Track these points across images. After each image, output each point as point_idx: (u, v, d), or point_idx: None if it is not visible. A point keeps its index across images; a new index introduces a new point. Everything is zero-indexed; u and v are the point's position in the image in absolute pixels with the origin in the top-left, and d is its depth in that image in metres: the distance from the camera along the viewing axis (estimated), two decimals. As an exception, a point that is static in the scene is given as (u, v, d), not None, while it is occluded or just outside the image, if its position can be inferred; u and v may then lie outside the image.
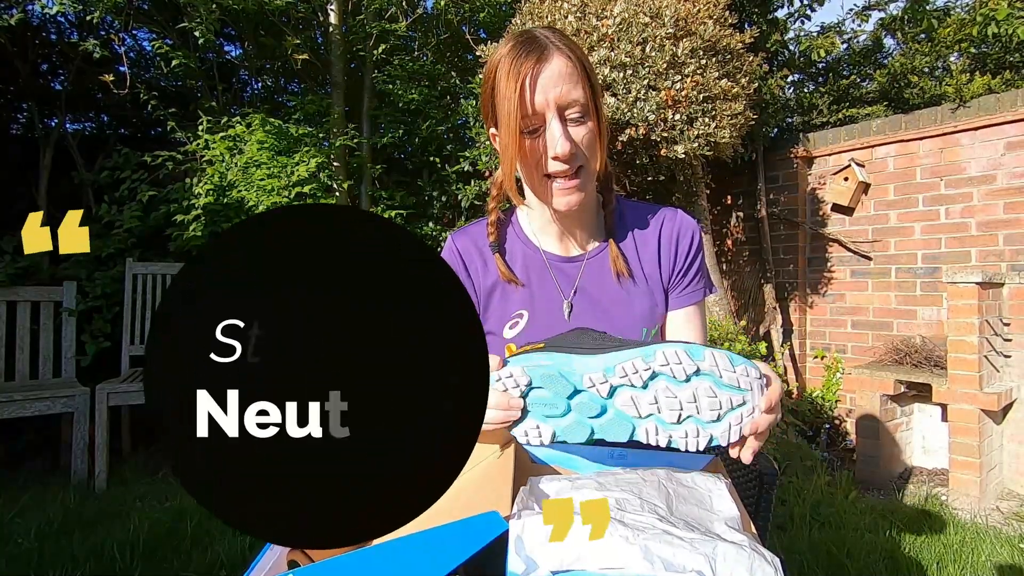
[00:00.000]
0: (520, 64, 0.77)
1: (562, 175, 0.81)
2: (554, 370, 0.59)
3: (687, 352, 0.58)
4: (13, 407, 2.41)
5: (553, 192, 0.83)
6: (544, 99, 0.77)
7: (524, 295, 0.92)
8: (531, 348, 0.63)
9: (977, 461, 2.40)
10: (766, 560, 0.50)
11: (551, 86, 0.77)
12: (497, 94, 0.81)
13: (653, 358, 0.58)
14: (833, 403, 3.45)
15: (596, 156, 0.83)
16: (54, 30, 3.49)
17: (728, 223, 3.99)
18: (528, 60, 0.77)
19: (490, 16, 3.58)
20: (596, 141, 0.82)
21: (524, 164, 0.83)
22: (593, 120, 0.81)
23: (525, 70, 0.77)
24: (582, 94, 0.79)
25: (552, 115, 0.78)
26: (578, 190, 0.83)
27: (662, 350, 0.58)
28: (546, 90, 0.77)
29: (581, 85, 0.79)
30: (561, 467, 0.74)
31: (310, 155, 3.01)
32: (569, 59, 0.78)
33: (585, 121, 0.80)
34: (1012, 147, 2.88)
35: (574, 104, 0.78)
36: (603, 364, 0.59)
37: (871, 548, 1.99)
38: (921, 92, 3.49)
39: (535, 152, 0.81)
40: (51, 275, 3.00)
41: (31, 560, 1.88)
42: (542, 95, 0.77)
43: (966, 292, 2.43)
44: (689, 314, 0.95)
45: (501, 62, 0.80)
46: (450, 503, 0.66)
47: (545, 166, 0.81)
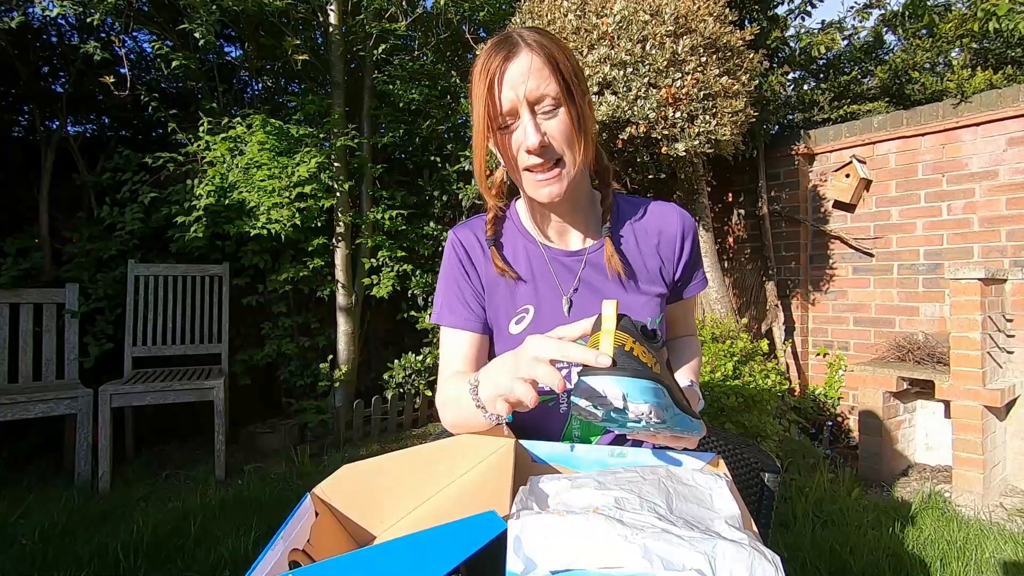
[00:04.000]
0: (491, 62, 0.79)
1: (538, 168, 0.83)
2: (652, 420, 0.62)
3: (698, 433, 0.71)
4: (16, 409, 2.41)
5: (533, 184, 0.85)
6: (514, 95, 0.79)
7: (529, 290, 0.94)
8: (655, 364, 0.62)
9: (980, 458, 2.39)
10: (766, 558, 0.50)
11: (519, 82, 0.79)
12: (471, 94, 0.84)
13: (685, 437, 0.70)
14: (835, 400, 3.45)
15: (574, 147, 0.83)
16: (55, 32, 3.49)
17: (729, 220, 3.98)
18: (497, 58, 0.79)
19: (490, 15, 3.57)
20: (572, 131, 0.82)
21: (506, 161, 0.86)
22: (567, 111, 0.81)
23: (494, 68, 0.79)
24: (552, 87, 0.79)
25: (524, 109, 0.80)
26: (557, 181, 0.84)
27: (695, 435, 0.70)
28: (516, 86, 0.79)
29: (552, 79, 0.79)
30: (561, 466, 0.74)
31: (311, 155, 3.02)
32: (538, 54, 0.79)
33: (556, 113, 0.81)
34: (1014, 142, 2.87)
35: (543, 98, 0.79)
36: (675, 428, 0.66)
37: (874, 545, 1.98)
38: (922, 88, 3.48)
39: (513, 147, 0.83)
40: (54, 277, 3.01)
41: (35, 561, 1.89)
42: (511, 91, 0.79)
43: (968, 288, 2.42)
44: (687, 305, 1.05)
45: (476, 63, 0.83)
46: (449, 502, 0.66)
47: (523, 160, 0.83)
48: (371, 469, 0.66)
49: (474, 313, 0.94)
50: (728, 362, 2.56)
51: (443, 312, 0.96)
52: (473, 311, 0.94)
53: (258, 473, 2.75)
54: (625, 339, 0.58)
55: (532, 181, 0.84)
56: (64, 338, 2.84)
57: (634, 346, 0.59)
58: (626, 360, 0.58)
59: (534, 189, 0.85)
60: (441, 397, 0.89)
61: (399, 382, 3.46)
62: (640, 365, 0.58)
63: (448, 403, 0.87)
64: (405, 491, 0.66)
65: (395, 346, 3.81)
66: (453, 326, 0.94)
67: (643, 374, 0.58)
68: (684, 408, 0.66)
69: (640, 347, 0.59)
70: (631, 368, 0.57)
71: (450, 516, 0.52)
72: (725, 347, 2.64)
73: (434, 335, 3.63)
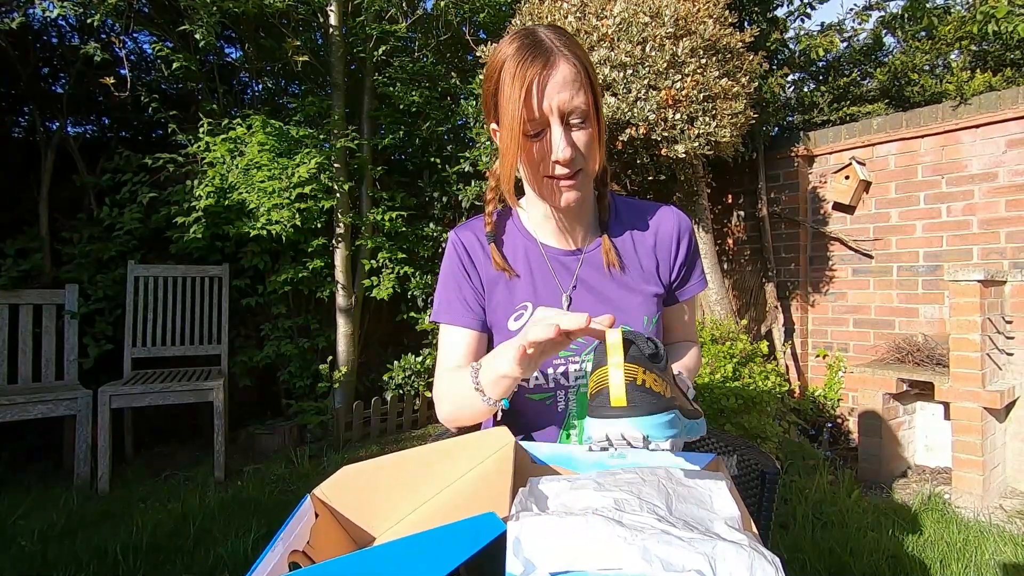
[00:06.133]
0: (526, 69, 0.78)
1: (563, 177, 0.84)
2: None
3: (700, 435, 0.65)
4: (16, 410, 2.41)
5: (554, 191, 0.86)
6: (548, 105, 0.79)
7: (527, 287, 0.95)
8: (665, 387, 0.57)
9: (980, 459, 2.39)
10: (766, 560, 0.50)
11: (555, 92, 0.79)
12: (501, 95, 0.82)
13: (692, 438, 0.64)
14: (835, 402, 3.45)
15: (594, 157, 0.86)
16: (55, 33, 3.50)
17: (729, 222, 3.98)
18: (534, 65, 0.78)
19: (490, 17, 3.58)
20: (595, 144, 0.84)
21: (526, 164, 0.86)
22: (593, 124, 0.83)
23: (531, 76, 0.78)
24: (584, 99, 0.80)
25: (555, 120, 0.80)
26: (576, 188, 0.86)
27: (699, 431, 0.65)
28: (550, 96, 0.79)
29: (584, 91, 0.80)
30: (561, 467, 0.74)
31: (311, 157, 3.02)
32: (574, 66, 0.80)
33: (586, 126, 0.82)
34: (1013, 144, 2.88)
35: (576, 110, 0.80)
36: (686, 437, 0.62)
37: (874, 547, 1.98)
38: (922, 90, 3.48)
39: (539, 154, 0.83)
40: (53, 278, 3.01)
41: (34, 562, 1.89)
42: (546, 101, 0.79)
43: (968, 290, 2.42)
44: (688, 307, 1.04)
45: (506, 63, 0.81)
46: (448, 504, 0.66)
47: (547, 168, 0.84)
48: (371, 470, 0.66)
49: (473, 312, 0.96)
50: (728, 363, 2.56)
51: (442, 310, 0.98)
52: (472, 310, 0.96)
53: (257, 474, 2.74)
54: (635, 371, 0.54)
55: (553, 187, 0.86)
56: (63, 339, 2.84)
57: (645, 377, 0.54)
58: (639, 396, 0.53)
59: (554, 195, 0.87)
60: (438, 391, 0.92)
61: (399, 383, 3.46)
62: (654, 398, 0.54)
63: (444, 396, 0.90)
64: (405, 492, 0.66)
65: (395, 347, 3.81)
66: (452, 323, 0.96)
67: (658, 407, 0.54)
68: (690, 414, 0.65)
69: (651, 375, 0.55)
70: (647, 404, 0.53)
71: (450, 517, 0.52)
72: (725, 348, 2.64)
73: (434, 336, 3.63)
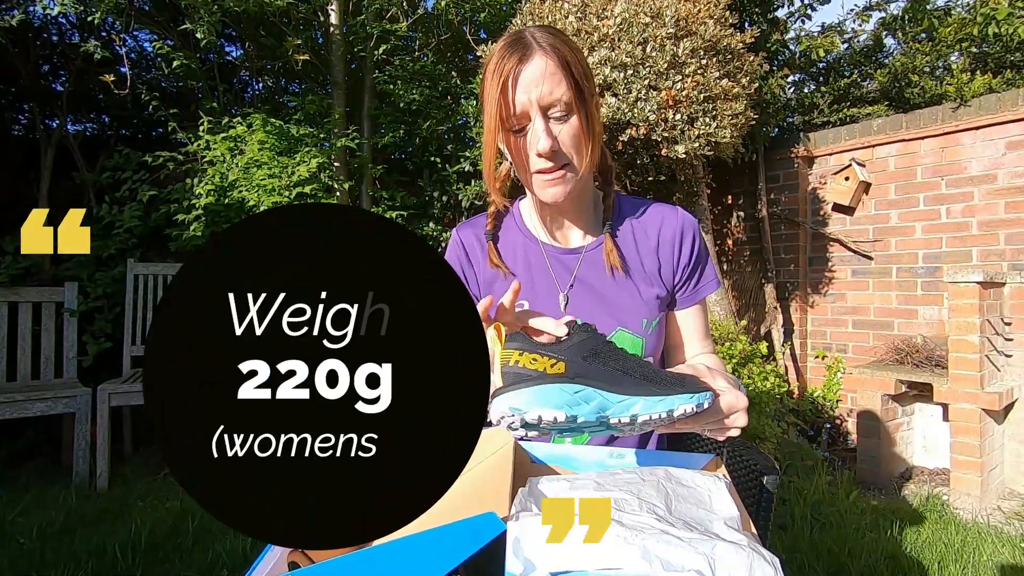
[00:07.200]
0: (503, 64, 0.80)
1: (547, 171, 0.84)
2: (592, 415, 0.57)
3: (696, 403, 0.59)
4: (15, 407, 2.41)
5: (540, 185, 0.86)
6: (526, 98, 0.79)
7: (524, 286, 0.95)
8: (552, 365, 0.58)
9: (978, 461, 2.40)
10: (765, 560, 0.50)
11: (533, 86, 0.79)
12: (482, 91, 0.84)
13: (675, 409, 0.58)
14: (834, 403, 3.45)
15: (582, 151, 0.84)
16: (55, 31, 3.49)
17: (729, 223, 3.98)
18: (511, 60, 0.79)
19: (490, 16, 3.58)
20: (581, 137, 0.83)
21: (515, 161, 0.87)
22: (578, 117, 0.82)
23: (507, 70, 0.79)
24: (565, 92, 0.80)
25: (536, 113, 0.80)
26: (563, 183, 0.85)
27: (683, 405, 0.58)
28: (528, 90, 0.79)
29: (565, 83, 0.80)
30: (560, 467, 0.74)
31: (311, 155, 3.02)
32: (551, 59, 0.80)
33: (568, 119, 0.81)
34: (1013, 146, 2.88)
35: (556, 103, 0.80)
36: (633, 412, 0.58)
37: (872, 548, 1.98)
38: (922, 91, 3.48)
39: (524, 149, 0.84)
40: (52, 276, 3.00)
41: (33, 560, 1.89)
42: (524, 94, 0.79)
43: (967, 291, 2.43)
44: (696, 311, 0.98)
45: (489, 62, 0.83)
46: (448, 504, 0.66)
47: (532, 163, 0.84)
48: (371, 469, 0.66)
49: None
50: (727, 364, 2.56)
51: None
52: None
53: (256, 473, 2.74)
54: (509, 355, 0.57)
55: (540, 182, 0.85)
56: (63, 337, 2.83)
57: (520, 358, 0.57)
58: (511, 375, 0.56)
59: (541, 190, 0.86)
60: None
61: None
62: (526, 373, 0.56)
63: None
64: (405, 491, 0.66)
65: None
66: None
67: (533, 381, 0.56)
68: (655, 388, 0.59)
69: (528, 356, 0.58)
70: (512, 378, 0.56)
71: (449, 517, 0.52)
72: (724, 349, 2.64)
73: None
